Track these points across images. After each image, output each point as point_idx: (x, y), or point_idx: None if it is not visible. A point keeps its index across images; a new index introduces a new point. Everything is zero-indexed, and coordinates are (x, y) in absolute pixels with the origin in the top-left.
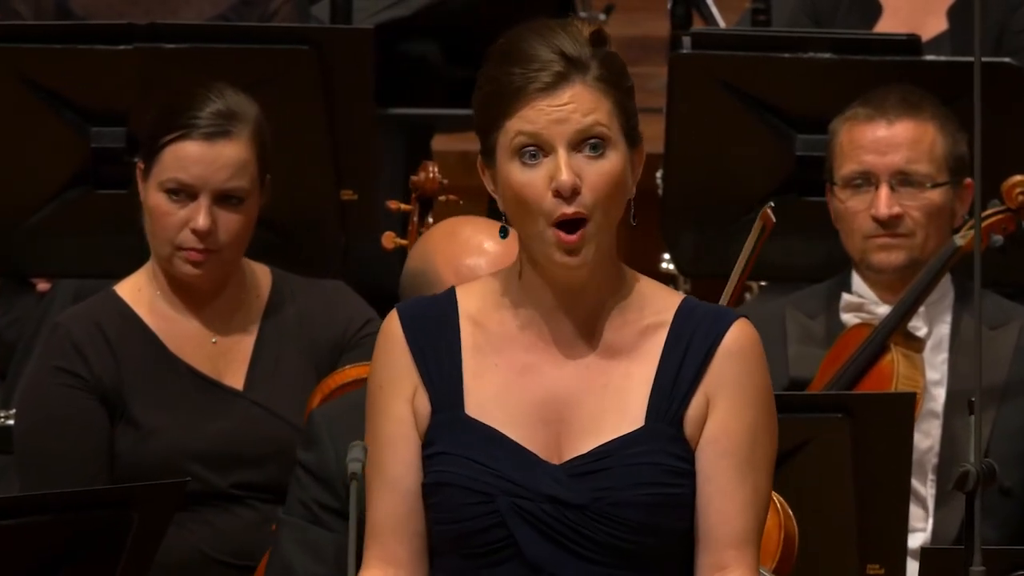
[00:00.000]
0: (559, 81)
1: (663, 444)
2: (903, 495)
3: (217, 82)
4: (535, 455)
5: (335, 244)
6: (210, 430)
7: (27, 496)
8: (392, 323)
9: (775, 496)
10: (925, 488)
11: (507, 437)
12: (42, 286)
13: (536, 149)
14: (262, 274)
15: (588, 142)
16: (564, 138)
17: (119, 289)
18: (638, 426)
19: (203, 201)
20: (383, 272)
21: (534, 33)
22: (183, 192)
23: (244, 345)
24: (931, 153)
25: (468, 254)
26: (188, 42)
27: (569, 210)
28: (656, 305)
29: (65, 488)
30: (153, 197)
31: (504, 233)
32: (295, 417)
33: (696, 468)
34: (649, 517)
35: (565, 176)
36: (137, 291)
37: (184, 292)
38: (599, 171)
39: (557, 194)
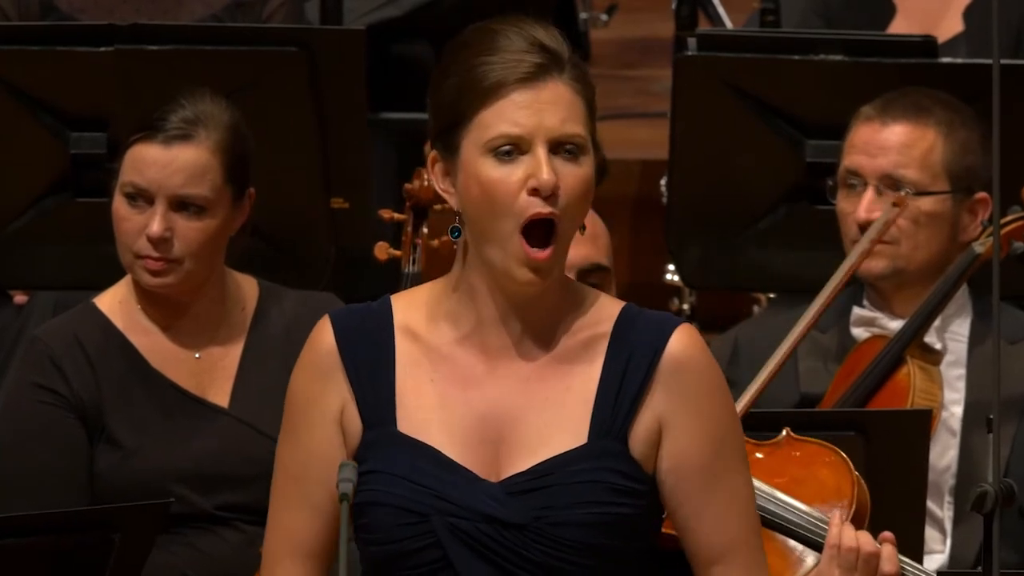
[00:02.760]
0: (540, 73)
1: (608, 461)
2: (919, 516)
3: (199, 87)
4: (471, 472)
5: (325, 255)
6: (194, 449)
7: (4, 517)
8: (324, 333)
9: (847, 462)
10: (942, 509)
11: (441, 453)
12: (20, 298)
13: (513, 147)
14: (248, 286)
15: (564, 145)
16: (544, 138)
17: (99, 302)
18: (581, 442)
19: (158, 207)
20: (376, 284)
21: (505, 24)
22: (141, 197)
23: (229, 360)
24: (924, 160)
25: None
26: (172, 44)
27: (544, 210)
28: (597, 314)
29: (42, 509)
30: (115, 202)
31: (456, 233)
32: None
33: (665, 492)
34: (591, 537)
35: (547, 175)
36: (117, 303)
37: (158, 304)
38: (575, 175)
39: (534, 192)
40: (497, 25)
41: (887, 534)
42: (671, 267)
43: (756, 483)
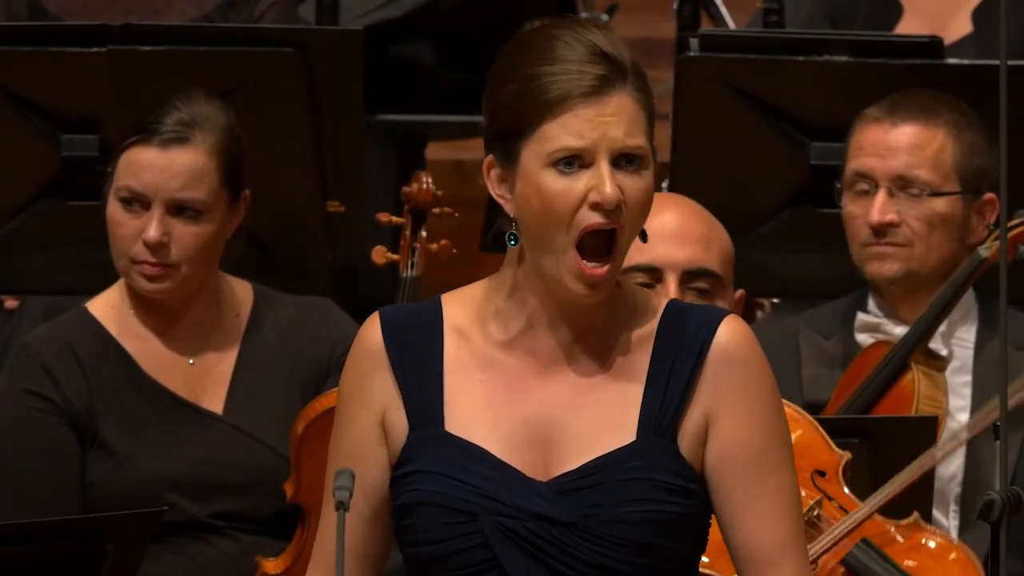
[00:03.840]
0: (604, 86)
1: (657, 459)
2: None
3: (193, 88)
4: (519, 472)
5: (321, 259)
6: (187, 456)
7: None
8: (372, 329)
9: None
10: (947, 518)
11: (488, 453)
12: (10, 303)
13: (575, 159)
14: (243, 291)
15: (626, 157)
16: (608, 151)
17: (91, 307)
18: (629, 440)
19: (155, 211)
20: (373, 289)
21: (564, 29)
22: (137, 201)
23: (223, 366)
24: (935, 160)
25: None
26: (164, 44)
27: (603, 221)
28: (643, 312)
29: (34, 517)
30: (110, 206)
31: (514, 240)
32: (278, 443)
33: (711, 487)
34: (642, 536)
35: (610, 190)
36: (110, 309)
37: (152, 309)
38: (637, 187)
39: (595, 207)
40: (556, 30)
41: None
42: None
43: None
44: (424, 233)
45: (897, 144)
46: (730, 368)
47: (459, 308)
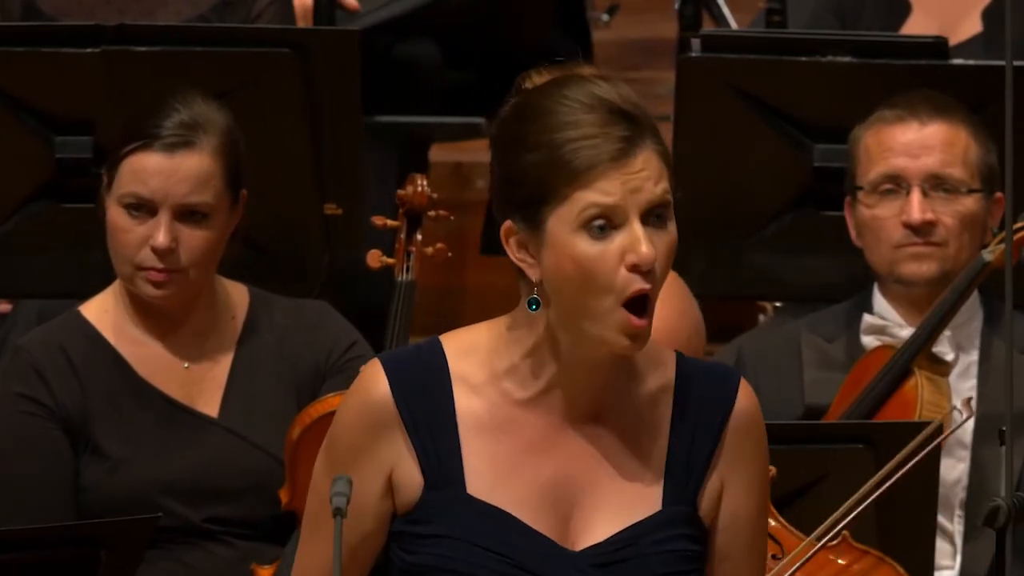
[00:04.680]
0: (629, 147)
1: (681, 528)
2: (929, 531)
3: (188, 89)
4: (551, 541)
5: (318, 262)
6: (182, 461)
7: None
8: (378, 381)
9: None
10: (952, 524)
11: (519, 521)
12: (3, 306)
13: (606, 221)
14: (239, 294)
15: (655, 212)
16: (638, 209)
17: (85, 310)
18: (656, 510)
19: (163, 217)
20: (371, 292)
21: (573, 87)
22: (143, 207)
23: (219, 370)
24: (965, 158)
25: None
26: (159, 45)
27: (646, 285)
28: (654, 364)
29: (26, 521)
30: (112, 212)
31: (535, 306)
32: (274, 447)
33: (711, 546)
34: None
35: (647, 250)
36: (104, 312)
37: (150, 314)
38: (666, 243)
39: (634, 268)
40: (565, 89)
41: None
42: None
43: None
44: (419, 237)
45: (929, 143)
46: (745, 436)
47: (465, 359)
